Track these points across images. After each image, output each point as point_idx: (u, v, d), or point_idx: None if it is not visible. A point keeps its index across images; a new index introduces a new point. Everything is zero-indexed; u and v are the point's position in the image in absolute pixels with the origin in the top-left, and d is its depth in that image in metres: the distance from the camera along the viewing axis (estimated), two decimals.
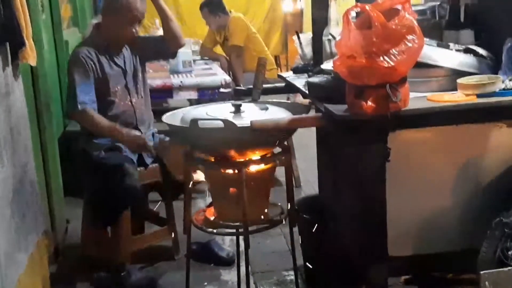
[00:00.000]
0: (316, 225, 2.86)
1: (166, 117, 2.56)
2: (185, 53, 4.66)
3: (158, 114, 3.38)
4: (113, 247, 3.17)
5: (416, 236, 2.29)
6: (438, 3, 2.58)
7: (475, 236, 2.18)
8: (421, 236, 2.29)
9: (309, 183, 4.53)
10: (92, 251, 3.31)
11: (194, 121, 2.35)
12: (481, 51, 2.33)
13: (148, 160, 3.33)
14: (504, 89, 2.14)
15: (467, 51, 2.33)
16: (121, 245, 3.17)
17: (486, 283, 2.03)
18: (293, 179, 4.68)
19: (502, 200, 2.15)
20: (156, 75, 4.53)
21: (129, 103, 3.26)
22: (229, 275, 3.27)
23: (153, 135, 3.39)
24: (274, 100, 2.80)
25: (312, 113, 2.59)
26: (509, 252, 2.07)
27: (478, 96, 2.13)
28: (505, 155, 2.22)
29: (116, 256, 3.17)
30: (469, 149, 2.22)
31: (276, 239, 3.62)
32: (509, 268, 2.04)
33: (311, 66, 2.95)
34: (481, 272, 2.04)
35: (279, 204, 2.72)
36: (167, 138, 3.35)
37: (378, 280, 2.33)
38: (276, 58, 7.13)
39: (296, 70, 3.03)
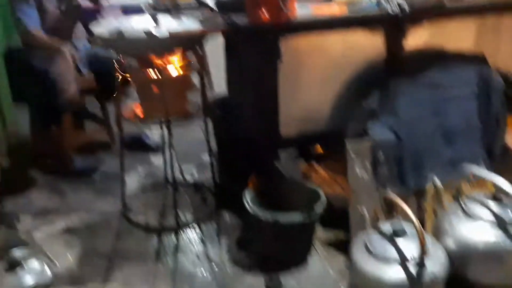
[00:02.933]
0: (225, 117, 2.87)
1: (96, 29, 2.38)
2: None
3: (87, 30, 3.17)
4: (58, 142, 3.05)
5: (301, 120, 2.34)
6: None
7: (345, 118, 2.27)
8: (305, 119, 2.35)
9: (221, 87, 4.47)
10: (40, 146, 3.17)
11: (121, 33, 2.21)
12: None
13: (84, 70, 3.15)
14: (368, 4, 2.16)
15: None
16: (65, 140, 3.05)
17: (351, 152, 2.14)
18: (207, 84, 4.63)
19: (364, 90, 2.23)
20: None
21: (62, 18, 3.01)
22: (157, 159, 3.26)
23: (83, 47, 3.19)
24: (188, 14, 2.67)
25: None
26: (368, 129, 2.17)
27: (349, 9, 2.14)
28: (367, 55, 2.28)
29: (61, 148, 3.05)
30: (341, 50, 2.26)
31: (196, 131, 3.57)
32: (367, 140, 2.15)
33: None
34: (347, 144, 2.14)
35: (195, 101, 2.67)
36: (97, 49, 3.18)
37: (273, 154, 2.41)
38: None
39: None
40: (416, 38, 2.30)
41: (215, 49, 3.06)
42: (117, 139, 3.32)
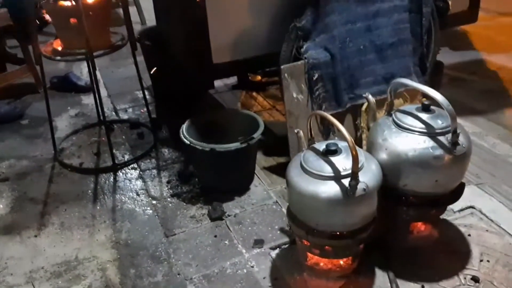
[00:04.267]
0: (156, 49, 2.71)
1: None
2: None
3: None
4: None
5: (234, 45, 2.23)
6: None
7: (279, 41, 2.17)
8: (237, 45, 2.23)
9: (153, 21, 4.24)
10: None
11: None
12: None
13: None
14: None
15: None
16: None
17: (285, 74, 2.07)
18: (139, 17, 4.38)
19: (296, 9, 2.13)
20: None
21: None
22: (88, 99, 3.08)
23: None
24: None
25: None
26: (301, 50, 2.10)
27: None
28: None
29: None
30: None
31: (128, 68, 3.41)
32: (301, 61, 2.08)
33: None
34: (281, 67, 2.07)
35: (120, 33, 2.49)
36: None
37: (207, 82, 2.30)
38: None
39: None
40: None
41: None
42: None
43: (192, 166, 2.37)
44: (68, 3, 2.16)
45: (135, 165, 2.46)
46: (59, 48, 2.31)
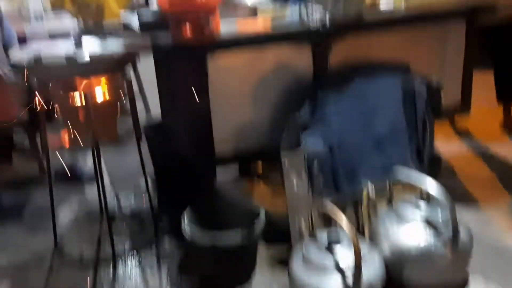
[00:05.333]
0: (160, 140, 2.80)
1: (14, 55, 2.27)
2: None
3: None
4: None
5: (237, 138, 2.31)
6: None
7: (279, 132, 2.26)
8: (241, 137, 2.32)
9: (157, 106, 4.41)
10: None
11: (39, 59, 2.11)
12: None
13: None
14: (290, 19, 2.19)
15: None
16: None
17: (286, 164, 2.14)
18: (144, 107, 4.54)
19: (296, 103, 2.24)
20: None
21: None
22: (92, 189, 3.11)
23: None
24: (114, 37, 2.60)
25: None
26: (301, 140, 2.17)
27: (273, 26, 2.15)
28: (294, 69, 2.30)
29: None
30: (270, 66, 2.26)
31: (132, 156, 3.48)
32: (301, 151, 2.15)
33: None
34: (282, 156, 2.14)
35: (127, 125, 2.60)
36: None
37: (209, 173, 2.36)
38: None
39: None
40: (342, 51, 2.35)
41: (152, 71, 3.01)
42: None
43: (192, 258, 2.35)
44: (77, 99, 2.27)
45: (136, 256, 2.44)
46: (66, 141, 2.40)
